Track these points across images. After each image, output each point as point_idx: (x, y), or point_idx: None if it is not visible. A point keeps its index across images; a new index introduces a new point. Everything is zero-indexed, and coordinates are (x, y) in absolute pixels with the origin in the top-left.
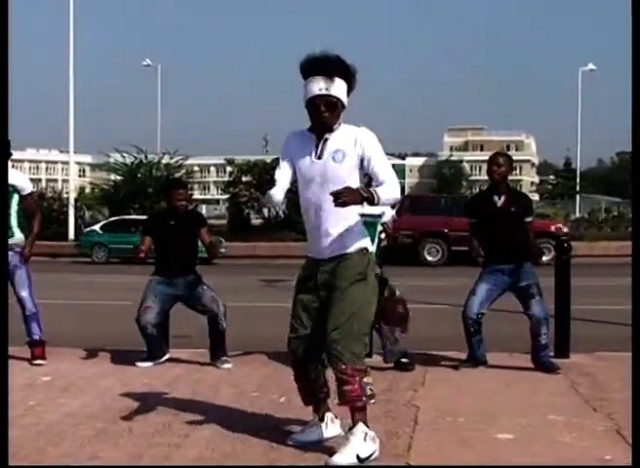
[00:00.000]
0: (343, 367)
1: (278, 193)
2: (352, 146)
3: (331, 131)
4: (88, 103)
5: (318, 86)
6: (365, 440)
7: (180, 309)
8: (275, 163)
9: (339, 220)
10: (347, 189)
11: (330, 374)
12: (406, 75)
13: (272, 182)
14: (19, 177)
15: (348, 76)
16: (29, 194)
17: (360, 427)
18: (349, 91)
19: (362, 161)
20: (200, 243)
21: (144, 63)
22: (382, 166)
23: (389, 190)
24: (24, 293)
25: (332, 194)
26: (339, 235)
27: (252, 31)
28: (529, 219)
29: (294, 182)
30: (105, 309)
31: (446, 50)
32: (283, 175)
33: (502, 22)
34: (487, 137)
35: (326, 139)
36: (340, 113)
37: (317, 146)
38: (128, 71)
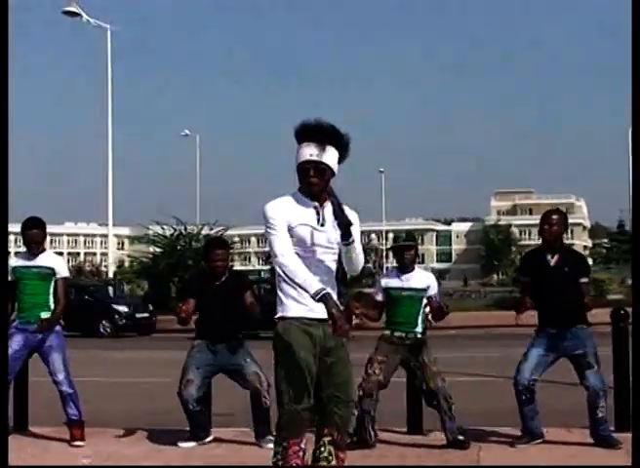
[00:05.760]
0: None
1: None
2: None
3: (327, 199)
4: (126, 175)
5: (310, 151)
6: None
7: (224, 384)
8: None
9: (333, 283)
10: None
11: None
12: (449, 139)
13: (288, 251)
14: (57, 261)
15: (341, 145)
16: (64, 278)
17: None
18: (341, 159)
19: None
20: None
21: (183, 134)
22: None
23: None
24: (61, 377)
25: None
26: (336, 298)
27: (293, 97)
28: (584, 280)
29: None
30: (146, 387)
31: (491, 112)
32: (289, 242)
33: (548, 83)
34: (536, 201)
35: (324, 207)
36: (329, 180)
37: (318, 213)
38: (166, 142)
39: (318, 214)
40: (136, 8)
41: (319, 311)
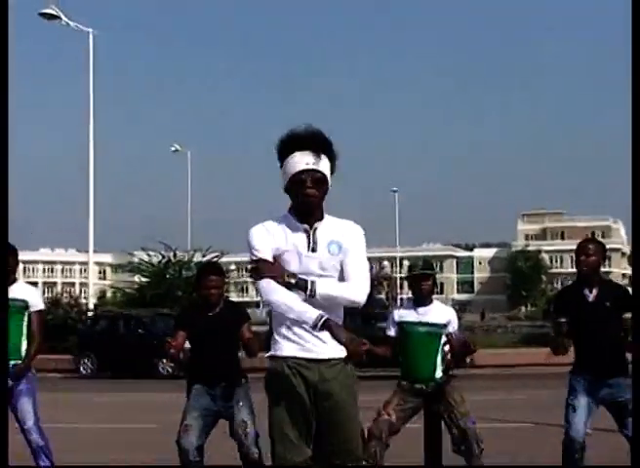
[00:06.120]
0: None
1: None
2: (343, 237)
3: (320, 218)
4: (108, 196)
5: (305, 160)
6: None
7: (221, 428)
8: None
9: (331, 315)
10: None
11: None
12: (472, 156)
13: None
14: (31, 293)
15: (332, 156)
16: (38, 311)
17: None
18: (331, 173)
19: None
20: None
21: (172, 149)
22: (355, 263)
23: (346, 289)
24: (30, 423)
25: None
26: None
27: (291, 117)
28: (627, 316)
29: None
30: (128, 434)
31: (518, 126)
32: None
33: (579, 99)
34: (568, 223)
35: (315, 229)
36: (325, 193)
37: (309, 237)
38: (154, 159)
39: (308, 237)
40: (123, 15)
41: (315, 351)
